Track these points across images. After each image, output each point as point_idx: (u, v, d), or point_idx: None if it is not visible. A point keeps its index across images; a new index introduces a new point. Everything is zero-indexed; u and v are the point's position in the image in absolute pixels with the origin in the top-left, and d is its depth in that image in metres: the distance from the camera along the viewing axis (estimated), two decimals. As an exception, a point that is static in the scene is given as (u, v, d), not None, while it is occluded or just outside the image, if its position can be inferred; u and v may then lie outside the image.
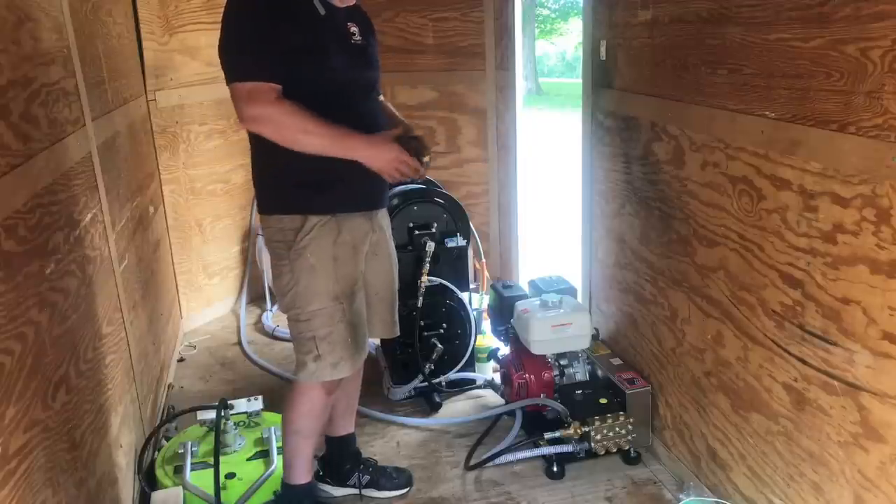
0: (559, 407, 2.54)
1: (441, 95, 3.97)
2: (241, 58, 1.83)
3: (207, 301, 3.92)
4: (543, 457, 2.51)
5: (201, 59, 3.60)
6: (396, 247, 2.91)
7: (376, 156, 1.90)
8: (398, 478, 2.44)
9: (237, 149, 3.79)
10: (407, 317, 2.89)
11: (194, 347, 3.63)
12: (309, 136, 1.83)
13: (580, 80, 2.94)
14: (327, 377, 2.04)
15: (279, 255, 1.98)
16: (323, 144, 1.85)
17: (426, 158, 1.99)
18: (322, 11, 1.93)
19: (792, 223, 1.74)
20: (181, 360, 3.50)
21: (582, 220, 2.96)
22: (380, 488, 2.40)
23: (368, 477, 2.39)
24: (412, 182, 1.87)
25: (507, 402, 2.82)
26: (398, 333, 2.32)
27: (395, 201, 2.94)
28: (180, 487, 2.21)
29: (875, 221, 1.49)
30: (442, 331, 2.95)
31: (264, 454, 2.39)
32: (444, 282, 2.90)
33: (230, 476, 2.29)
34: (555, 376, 2.69)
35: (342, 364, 2.03)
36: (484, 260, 3.58)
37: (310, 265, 1.94)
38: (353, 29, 2.02)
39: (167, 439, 2.55)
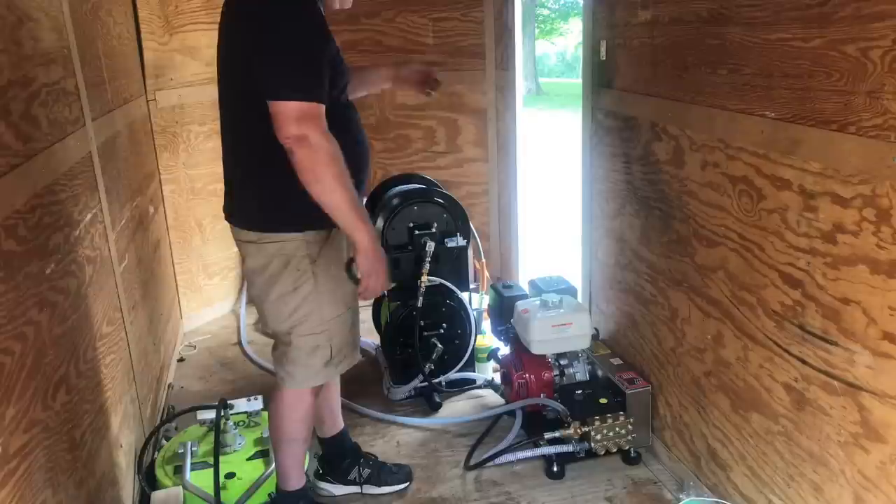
0: (559, 407, 2.54)
1: (441, 95, 3.93)
2: (294, 73, 1.72)
3: (207, 301, 3.92)
4: (543, 457, 2.51)
5: (201, 59, 3.60)
6: (397, 247, 2.95)
7: (373, 252, 1.85)
8: (398, 472, 2.46)
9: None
10: (407, 317, 2.90)
11: (194, 347, 3.63)
12: (336, 184, 1.74)
13: (580, 80, 2.94)
14: (331, 377, 2.11)
15: (299, 271, 1.91)
16: (340, 199, 1.76)
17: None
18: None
19: (792, 223, 1.74)
20: (181, 360, 3.50)
21: (582, 220, 2.96)
22: (380, 484, 2.41)
23: (369, 471, 2.41)
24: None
25: (507, 402, 2.82)
26: None
27: (396, 201, 2.94)
28: (180, 487, 2.21)
29: (875, 221, 1.49)
30: (442, 331, 2.95)
31: (264, 454, 2.39)
32: (444, 282, 2.90)
33: (230, 476, 2.29)
34: (555, 376, 2.69)
35: (345, 362, 2.09)
36: (484, 260, 3.58)
37: (333, 275, 1.95)
38: None
39: (167, 439, 2.55)
